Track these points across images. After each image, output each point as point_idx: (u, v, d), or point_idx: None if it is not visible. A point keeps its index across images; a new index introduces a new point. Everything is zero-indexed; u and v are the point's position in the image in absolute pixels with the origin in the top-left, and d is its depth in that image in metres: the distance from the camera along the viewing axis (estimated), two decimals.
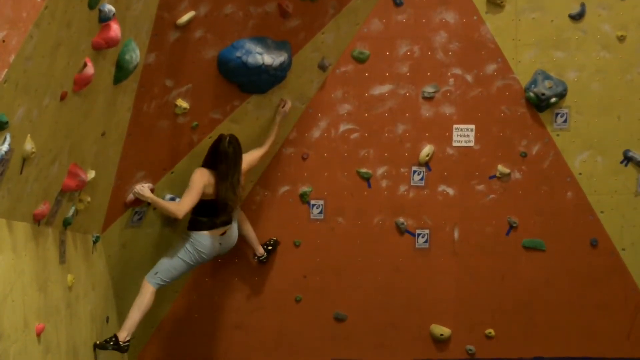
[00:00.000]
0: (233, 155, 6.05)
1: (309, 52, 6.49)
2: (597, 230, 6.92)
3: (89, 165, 5.22)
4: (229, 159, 6.04)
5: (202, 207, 6.12)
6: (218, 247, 6.23)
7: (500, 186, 6.86)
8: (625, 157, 6.86)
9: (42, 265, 4.56)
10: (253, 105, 6.45)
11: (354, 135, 6.72)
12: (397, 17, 6.60)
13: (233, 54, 6.15)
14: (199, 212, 6.15)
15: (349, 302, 6.95)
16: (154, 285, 6.10)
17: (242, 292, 6.91)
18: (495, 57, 6.69)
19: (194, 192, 6.00)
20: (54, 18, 3.83)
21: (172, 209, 6.01)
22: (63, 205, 4.92)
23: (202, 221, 6.16)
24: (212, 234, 6.17)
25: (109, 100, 5.22)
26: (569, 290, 6.98)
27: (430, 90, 6.73)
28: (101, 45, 4.51)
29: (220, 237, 6.21)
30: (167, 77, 6.08)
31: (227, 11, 6.11)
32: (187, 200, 6.00)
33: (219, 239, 6.21)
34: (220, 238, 6.21)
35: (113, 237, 6.28)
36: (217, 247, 6.23)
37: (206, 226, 6.16)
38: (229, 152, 6.03)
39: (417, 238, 6.91)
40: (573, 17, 6.65)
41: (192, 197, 6.00)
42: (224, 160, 6.03)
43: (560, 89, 6.69)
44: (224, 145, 6.04)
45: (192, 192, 6.00)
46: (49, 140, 4.28)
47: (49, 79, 4.01)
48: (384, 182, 6.81)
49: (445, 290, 6.97)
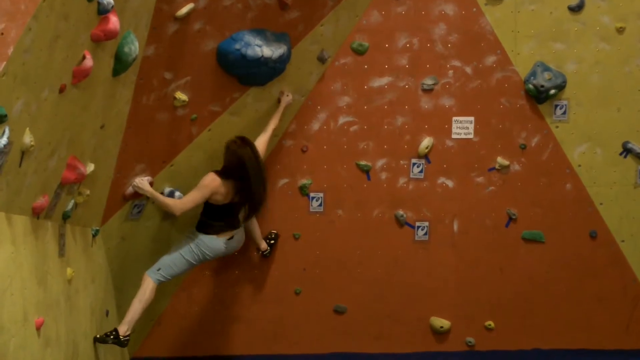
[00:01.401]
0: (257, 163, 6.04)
1: (308, 45, 6.47)
2: (597, 222, 6.92)
3: (88, 158, 5.21)
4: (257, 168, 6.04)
5: (215, 211, 6.13)
6: (223, 249, 6.24)
7: (500, 178, 6.86)
8: (624, 149, 6.85)
9: (41, 259, 4.55)
10: (252, 98, 6.44)
11: (353, 128, 6.71)
12: (396, 9, 6.59)
13: (232, 47, 6.13)
14: (211, 215, 6.15)
15: (348, 294, 6.96)
16: (155, 281, 6.10)
17: (242, 285, 6.91)
18: (495, 49, 6.68)
19: (200, 195, 6.00)
20: (53, 10, 3.81)
21: (171, 205, 6.01)
22: (62, 198, 4.91)
23: (213, 225, 6.16)
24: (219, 237, 6.18)
25: (107, 92, 5.21)
26: (568, 282, 6.99)
27: (429, 83, 6.71)
28: (100, 37, 4.49)
29: (227, 241, 6.22)
30: (166, 69, 6.07)
31: (226, 3, 6.09)
32: (190, 200, 6.00)
33: (225, 243, 6.22)
34: (226, 242, 6.22)
35: (112, 230, 6.27)
36: (222, 250, 6.24)
37: (215, 230, 6.17)
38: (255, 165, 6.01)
39: (416, 230, 6.91)
40: (572, 9, 6.64)
41: (196, 200, 6.00)
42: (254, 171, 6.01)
43: (559, 81, 6.69)
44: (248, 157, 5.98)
45: (198, 195, 6.00)
46: (47, 133, 4.27)
47: (47, 72, 4.00)
48: (384, 175, 6.81)
49: (445, 282, 6.98)
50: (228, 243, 6.23)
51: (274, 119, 6.40)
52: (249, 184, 6.03)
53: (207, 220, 6.17)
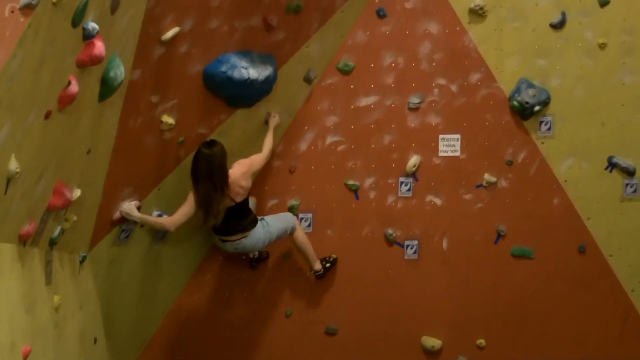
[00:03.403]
0: (208, 162, 5.99)
1: (294, 65, 6.49)
2: (585, 236, 6.94)
3: (74, 183, 5.18)
4: (207, 167, 6.00)
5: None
6: (233, 250, 6.33)
7: (488, 194, 6.88)
8: (609, 163, 6.89)
9: (28, 286, 4.51)
10: (240, 119, 6.44)
11: (341, 147, 6.72)
12: (381, 28, 6.62)
13: (218, 69, 6.14)
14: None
15: (339, 315, 6.93)
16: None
17: (232, 308, 6.87)
18: (479, 67, 6.72)
19: (186, 206, 6.06)
20: (38, 36, 3.80)
21: (163, 222, 6.09)
22: (49, 224, 4.87)
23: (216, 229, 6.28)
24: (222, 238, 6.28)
25: (94, 117, 5.19)
26: (559, 296, 7.00)
27: (415, 101, 6.74)
28: (85, 62, 4.48)
29: (234, 243, 6.26)
30: (152, 92, 6.05)
31: (212, 26, 6.10)
32: (179, 213, 6.08)
33: (233, 245, 6.27)
34: (233, 244, 6.27)
35: (100, 255, 6.22)
36: (232, 250, 6.34)
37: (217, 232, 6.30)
38: (205, 164, 5.98)
39: (406, 249, 6.90)
40: (554, 26, 6.70)
41: (183, 211, 6.06)
42: (199, 177, 6.01)
43: (543, 97, 6.73)
44: (201, 155, 6.00)
45: (184, 206, 6.07)
46: (33, 159, 4.24)
47: (33, 98, 3.98)
48: (372, 193, 6.81)
49: (436, 300, 6.97)
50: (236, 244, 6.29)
51: (268, 139, 6.37)
52: (198, 182, 6.01)
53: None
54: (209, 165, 5.96)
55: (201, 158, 5.99)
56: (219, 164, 5.98)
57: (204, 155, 5.98)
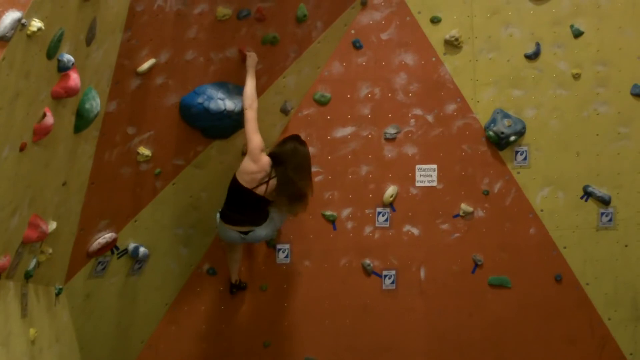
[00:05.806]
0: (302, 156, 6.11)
1: (271, 96, 6.52)
2: (561, 266, 6.98)
3: (50, 215, 5.15)
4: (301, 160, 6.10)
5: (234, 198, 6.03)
6: (240, 240, 6.20)
7: (465, 224, 6.91)
8: (585, 193, 6.96)
9: (3, 320, 4.46)
10: (216, 150, 6.45)
11: (318, 178, 6.74)
12: (357, 59, 6.68)
13: (195, 100, 6.16)
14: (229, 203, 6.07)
15: (318, 345, 6.89)
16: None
17: (210, 340, 6.81)
18: (455, 97, 6.79)
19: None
20: (12, 69, 3.81)
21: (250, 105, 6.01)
22: (24, 257, 4.83)
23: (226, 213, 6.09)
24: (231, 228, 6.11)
25: (69, 149, 5.18)
26: (536, 325, 7.01)
27: (392, 131, 6.79)
28: (61, 94, 4.48)
29: (242, 234, 6.13)
30: (128, 124, 6.06)
31: (188, 57, 6.13)
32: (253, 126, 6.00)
33: (240, 235, 6.15)
34: (241, 235, 6.14)
35: (76, 288, 6.17)
36: (239, 239, 6.20)
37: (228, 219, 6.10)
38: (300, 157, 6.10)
39: (383, 279, 6.90)
40: (529, 57, 6.79)
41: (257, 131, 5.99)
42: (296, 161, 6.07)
43: (519, 127, 6.80)
44: (291, 153, 6.08)
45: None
46: (8, 192, 4.22)
47: (8, 130, 3.97)
48: (349, 224, 6.82)
49: (414, 330, 6.96)
50: (244, 236, 6.15)
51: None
52: (286, 169, 5.97)
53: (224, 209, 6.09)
54: (305, 161, 6.10)
55: (301, 152, 6.09)
56: (310, 165, 6.19)
57: (303, 153, 6.09)
